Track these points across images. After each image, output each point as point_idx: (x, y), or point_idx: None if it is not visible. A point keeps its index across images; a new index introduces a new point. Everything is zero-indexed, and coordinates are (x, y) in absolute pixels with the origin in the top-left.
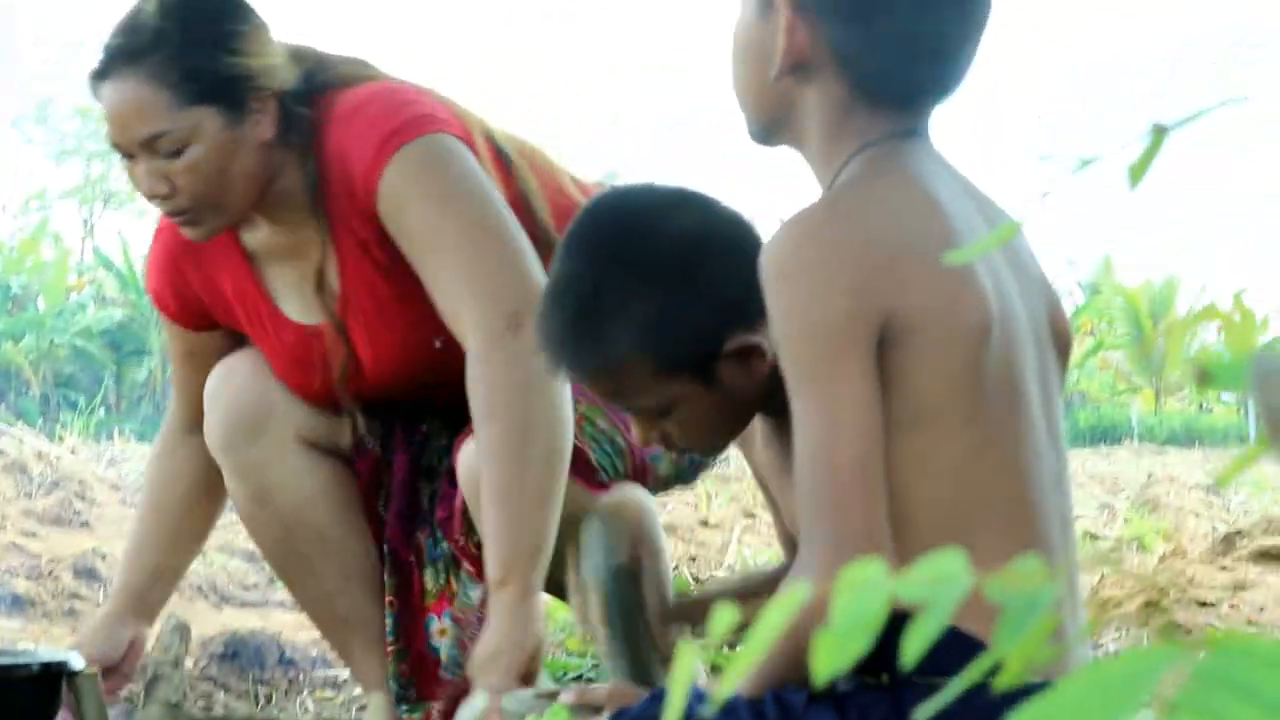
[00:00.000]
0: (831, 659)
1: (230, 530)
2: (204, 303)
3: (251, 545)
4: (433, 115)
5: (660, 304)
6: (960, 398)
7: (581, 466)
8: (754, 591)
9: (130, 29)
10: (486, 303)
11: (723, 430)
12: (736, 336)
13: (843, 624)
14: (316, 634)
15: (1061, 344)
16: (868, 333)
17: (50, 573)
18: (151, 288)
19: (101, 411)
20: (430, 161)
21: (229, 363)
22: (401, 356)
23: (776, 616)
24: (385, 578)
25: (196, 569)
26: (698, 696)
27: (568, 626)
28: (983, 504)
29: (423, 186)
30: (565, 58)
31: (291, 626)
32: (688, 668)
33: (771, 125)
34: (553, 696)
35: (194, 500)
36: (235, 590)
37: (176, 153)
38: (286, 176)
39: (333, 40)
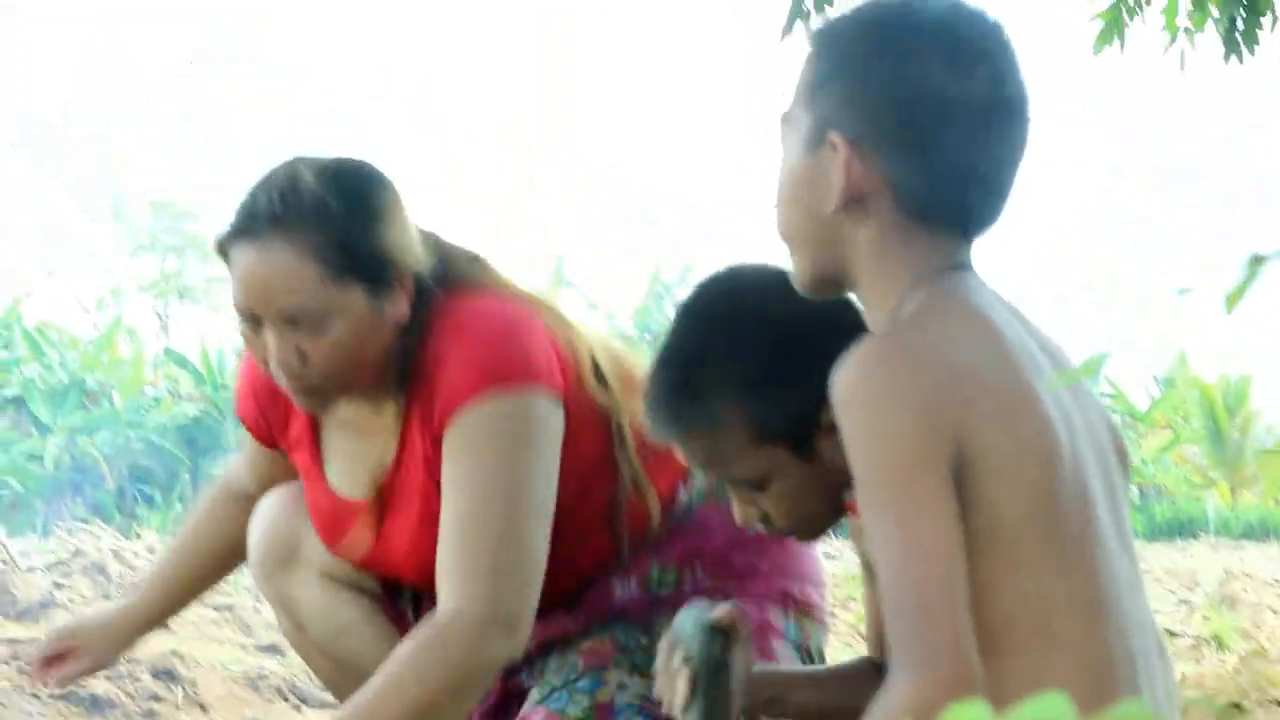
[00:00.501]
0: None
1: None
2: (274, 434)
3: None
4: (533, 366)
5: (760, 370)
6: (1036, 519)
7: None
8: (824, 683)
9: (286, 193)
10: (474, 587)
11: (819, 511)
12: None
13: None
14: None
15: (1120, 455)
16: (941, 457)
17: (129, 674)
18: (239, 410)
19: (178, 506)
20: (505, 424)
21: (274, 494)
22: (429, 564)
23: None
24: None
25: (276, 670)
26: None
27: None
28: (1061, 616)
29: (488, 445)
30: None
31: None
32: None
33: (826, 265)
34: None
35: (220, 560)
36: (314, 691)
37: (315, 327)
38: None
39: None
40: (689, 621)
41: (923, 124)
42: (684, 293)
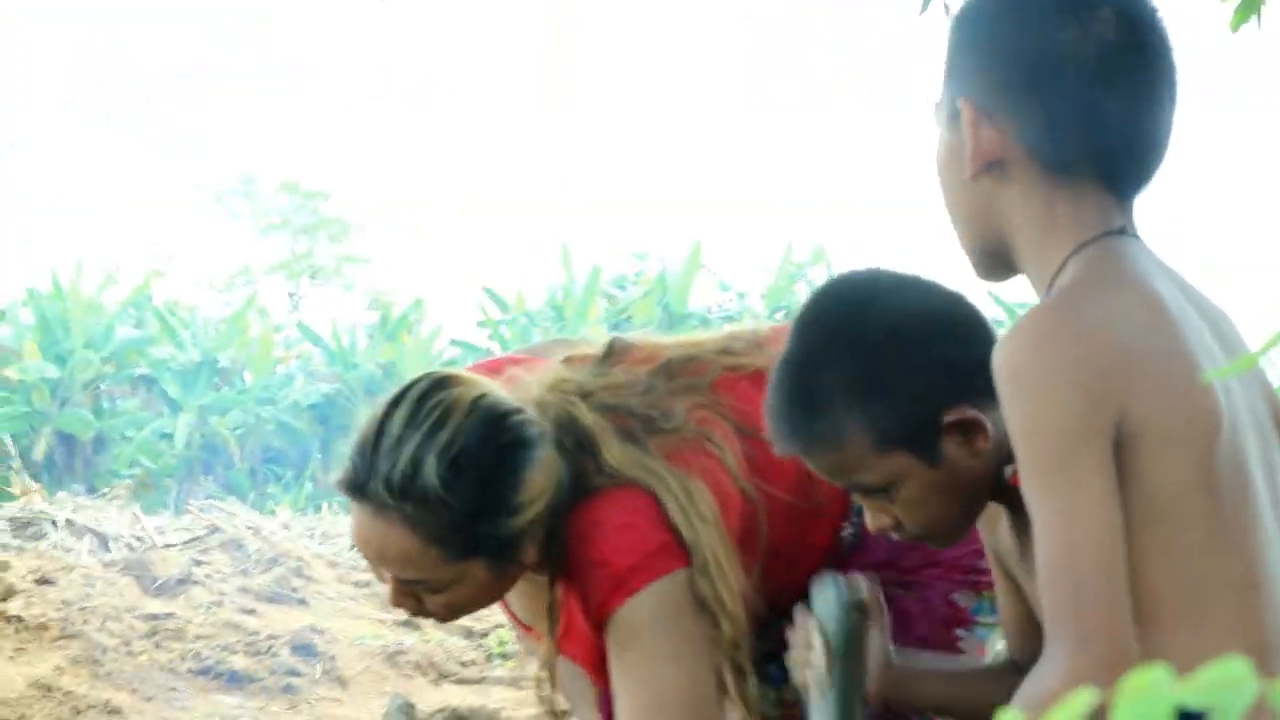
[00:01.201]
0: None
1: None
2: None
3: (468, 622)
4: (664, 553)
5: (878, 378)
6: (1196, 494)
7: None
8: (959, 678)
9: (406, 475)
10: None
11: (951, 514)
12: (956, 410)
13: None
14: (536, 709)
15: None
16: (1103, 433)
17: (269, 649)
18: None
19: (309, 485)
20: (653, 617)
21: None
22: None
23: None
24: None
25: (414, 645)
26: None
27: None
28: (1217, 593)
29: (645, 641)
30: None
31: (511, 703)
32: None
33: (984, 239)
34: None
35: None
36: (453, 666)
37: (434, 589)
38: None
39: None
40: (826, 599)
41: (1040, 74)
42: (818, 274)
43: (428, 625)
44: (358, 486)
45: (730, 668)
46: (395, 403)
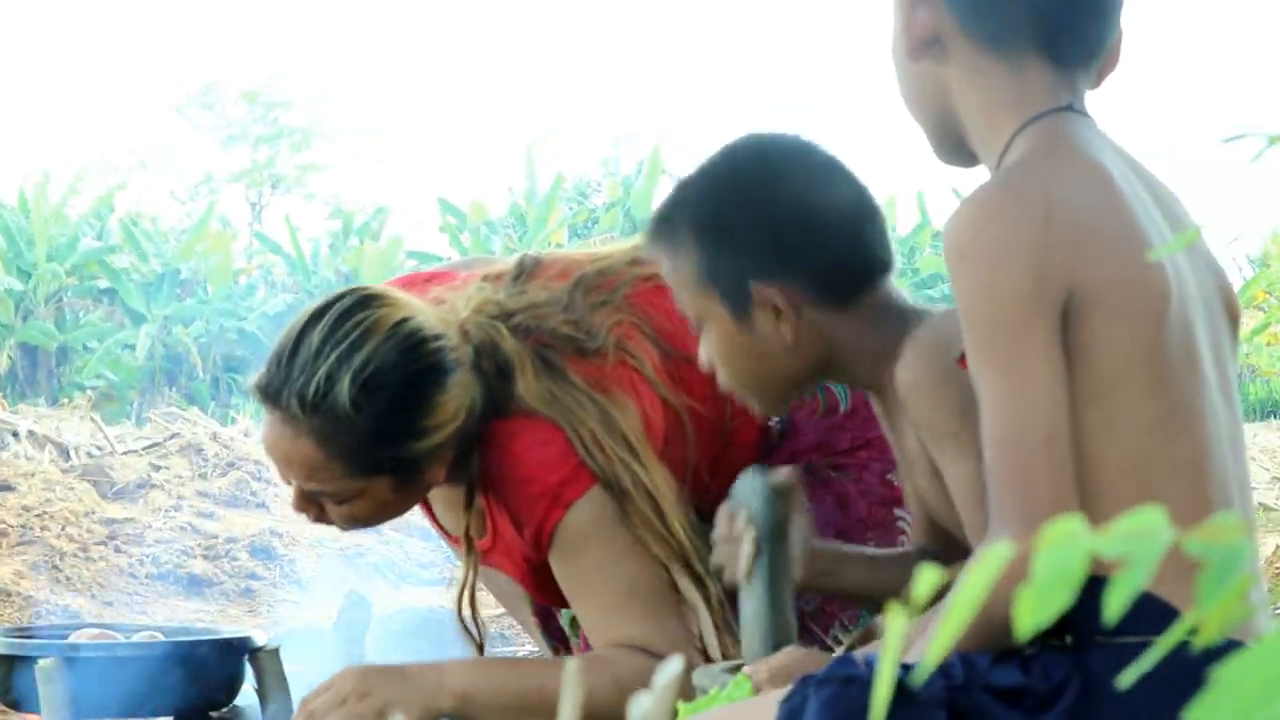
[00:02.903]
0: (1035, 613)
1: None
2: None
3: (426, 524)
4: (584, 472)
5: (722, 217)
6: (1143, 369)
7: None
8: (880, 563)
9: (320, 389)
10: (645, 637)
11: (752, 379)
12: (766, 285)
13: (1045, 579)
14: (495, 610)
15: (1232, 314)
16: (1051, 309)
17: (227, 553)
18: None
19: None
20: (597, 522)
21: None
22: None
23: (978, 579)
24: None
25: (375, 547)
26: (869, 662)
27: None
28: (1165, 473)
29: (594, 545)
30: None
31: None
32: (898, 633)
33: (935, 120)
34: (736, 669)
35: None
36: (413, 569)
37: (336, 499)
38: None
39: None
40: (748, 488)
41: None
42: None
43: (387, 528)
44: (271, 394)
45: (686, 575)
46: (317, 316)
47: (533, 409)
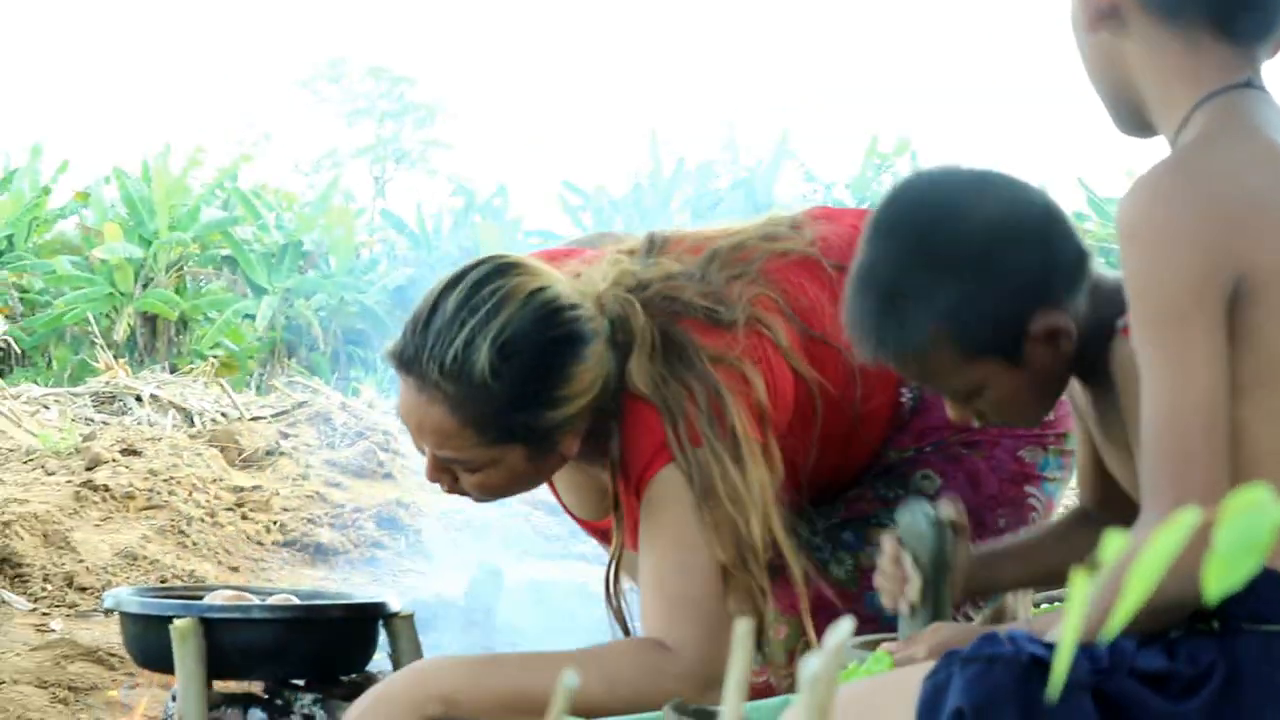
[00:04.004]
0: (1222, 579)
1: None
2: None
3: (550, 499)
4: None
5: (963, 289)
6: None
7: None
8: (1037, 548)
9: (457, 357)
10: (667, 627)
11: (1034, 405)
12: (1042, 318)
13: (1231, 545)
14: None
15: None
16: (1218, 291)
17: (354, 522)
18: None
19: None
20: (682, 492)
21: None
22: None
23: (1154, 556)
24: None
25: (500, 520)
26: (1028, 639)
27: None
28: None
29: (676, 511)
30: None
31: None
32: (1082, 601)
33: (1115, 95)
34: (873, 645)
35: None
36: (538, 541)
37: (469, 468)
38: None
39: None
40: (916, 520)
41: None
42: (903, 165)
43: (513, 500)
44: (406, 361)
45: (741, 588)
46: (453, 283)
47: (639, 391)
